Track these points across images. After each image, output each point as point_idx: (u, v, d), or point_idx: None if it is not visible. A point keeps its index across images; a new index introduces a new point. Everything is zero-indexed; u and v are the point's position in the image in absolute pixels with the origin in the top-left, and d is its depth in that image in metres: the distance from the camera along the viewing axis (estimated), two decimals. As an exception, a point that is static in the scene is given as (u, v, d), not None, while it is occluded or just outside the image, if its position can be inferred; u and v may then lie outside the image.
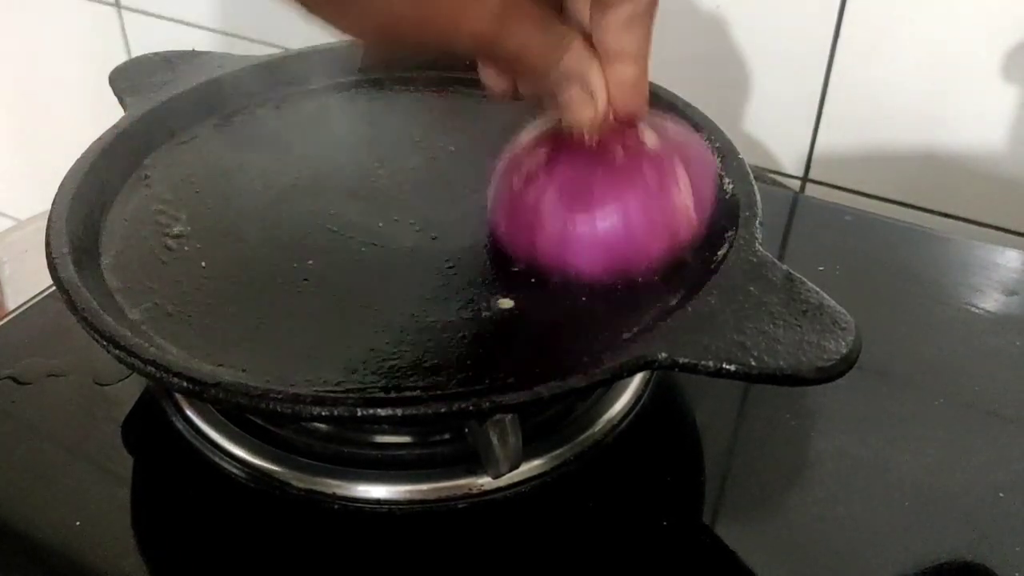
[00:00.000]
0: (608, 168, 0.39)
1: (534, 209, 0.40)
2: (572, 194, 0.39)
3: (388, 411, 0.33)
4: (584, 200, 0.39)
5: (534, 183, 0.40)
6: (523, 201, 0.40)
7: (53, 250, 0.39)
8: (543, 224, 0.39)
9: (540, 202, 0.39)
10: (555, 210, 0.39)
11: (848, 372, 0.33)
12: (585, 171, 0.39)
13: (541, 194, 0.40)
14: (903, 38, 0.59)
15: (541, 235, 0.40)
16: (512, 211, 0.41)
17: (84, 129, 0.47)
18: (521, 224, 0.40)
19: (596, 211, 0.39)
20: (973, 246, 0.56)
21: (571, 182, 0.39)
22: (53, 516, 0.38)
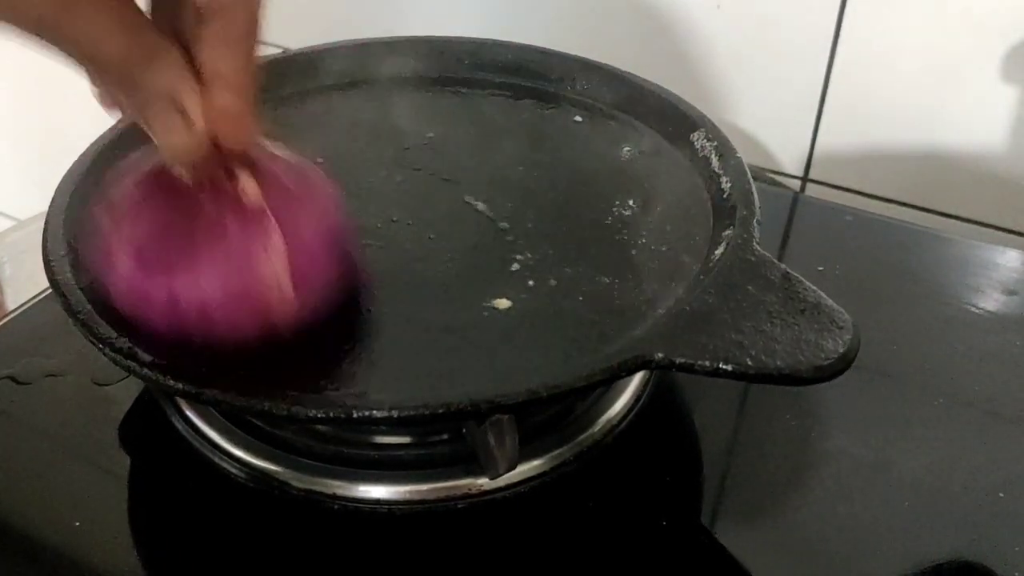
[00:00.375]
0: (190, 225, 0.34)
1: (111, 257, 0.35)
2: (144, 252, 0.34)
3: (385, 412, 0.33)
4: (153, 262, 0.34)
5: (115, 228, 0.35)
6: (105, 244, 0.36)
7: (50, 252, 0.39)
8: (115, 276, 0.35)
9: (115, 252, 0.35)
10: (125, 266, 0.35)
11: (846, 371, 0.33)
12: (166, 225, 0.34)
13: (118, 243, 0.35)
14: (903, 38, 0.59)
15: (114, 286, 0.36)
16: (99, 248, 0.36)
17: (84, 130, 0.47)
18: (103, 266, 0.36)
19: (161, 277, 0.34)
20: (973, 246, 0.56)
21: (148, 236, 0.34)
22: (52, 516, 0.38)
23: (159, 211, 0.34)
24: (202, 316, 0.34)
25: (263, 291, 0.34)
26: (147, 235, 0.34)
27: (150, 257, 0.34)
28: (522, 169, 0.49)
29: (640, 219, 0.44)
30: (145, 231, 0.34)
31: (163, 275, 0.34)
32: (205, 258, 0.33)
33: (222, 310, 0.34)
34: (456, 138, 0.51)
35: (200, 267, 0.33)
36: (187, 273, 0.34)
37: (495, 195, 0.46)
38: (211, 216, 0.33)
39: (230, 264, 0.33)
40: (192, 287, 0.34)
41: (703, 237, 0.42)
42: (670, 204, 0.45)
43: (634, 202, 0.46)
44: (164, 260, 0.34)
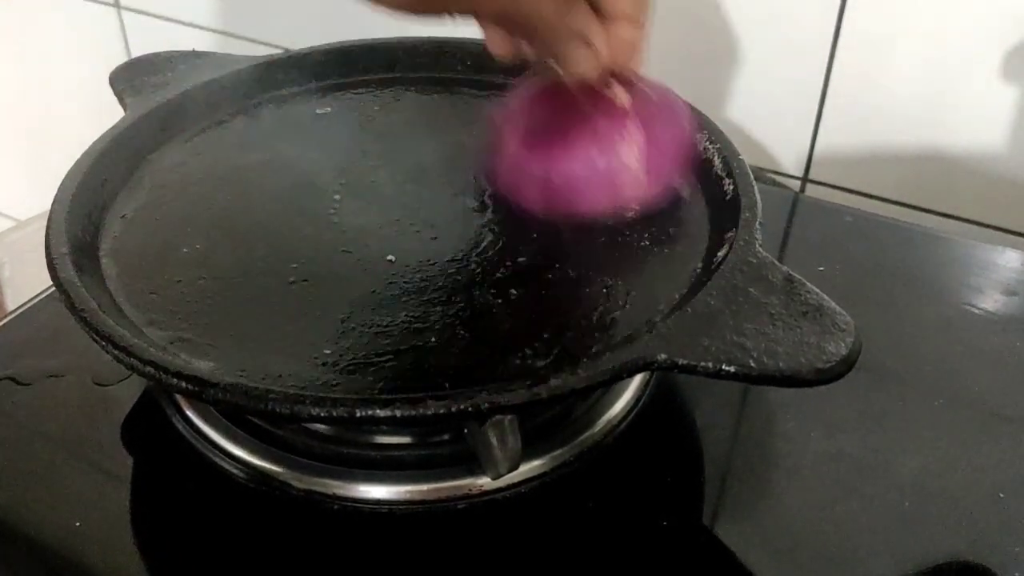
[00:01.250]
0: (567, 118, 0.42)
1: (501, 142, 0.45)
2: (529, 134, 0.43)
3: (387, 412, 0.33)
4: (535, 141, 0.43)
5: (507, 120, 0.45)
6: (497, 134, 0.45)
7: (53, 251, 0.39)
8: (503, 156, 0.44)
9: (505, 137, 0.44)
10: (512, 145, 0.44)
11: (848, 373, 0.33)
12: (549, 117, 0.43)
13: (508, 130, 0.44)
14: (903, 38, 0.59)
15: (500, 165, 0.45)
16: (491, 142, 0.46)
17: (84, 129, 0.47)
18: (493, 153, 0.45)
19: (540, 152, 0.43)
20: (973, 246, 0.56)
21: (533, 124, 0.44)
22: (53, 516, 0.38)
23: (545, 109, 0.44)
24: (570, 189, 0.42)
25: (621, 173, 0.42)
26: (534, 125, 0.44)
27: (534, 141, 0.43)
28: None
29: (641, 220, 0.44)
30: (532, 122, 0.44)
31: (543, 154, 0.43)
32: (579, 142, 0.42)
33: (586, 185, 0.42)
34: (456, 138, 0.51)
35: (574, 149, 0.42)
36: (562, 153, 0.42)
37: (495, 195, 0.46)
38: (587, 114, 0.42)
39: (598, 149, 0.42)
40: (565, 164, 0.42)
41: (705, 239, 0.42)
42: (671, 206, 0.45)
43: (635, 203, 0.46)
44: (545, 143, 0.43)
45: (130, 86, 0.52)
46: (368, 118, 0.54)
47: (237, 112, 0.53)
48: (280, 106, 0.54)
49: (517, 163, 0.44)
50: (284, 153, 0.50)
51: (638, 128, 0.42)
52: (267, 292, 0.41)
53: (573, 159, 0.42)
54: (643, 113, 0.43)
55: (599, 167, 0.42)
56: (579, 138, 0.42)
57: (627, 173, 0.42)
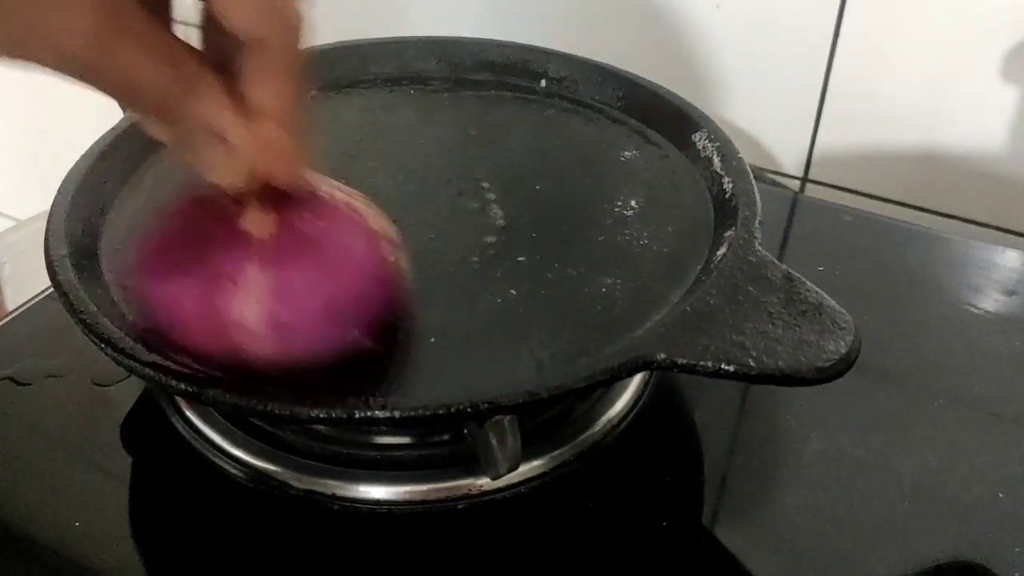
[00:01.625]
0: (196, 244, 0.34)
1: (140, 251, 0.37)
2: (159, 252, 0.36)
3: (387, 413, 0.33)
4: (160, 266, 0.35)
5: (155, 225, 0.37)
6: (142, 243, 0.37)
7: (52, 252, 0.39)
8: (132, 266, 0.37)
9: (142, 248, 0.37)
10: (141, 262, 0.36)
11: (847, 372, 0.33)
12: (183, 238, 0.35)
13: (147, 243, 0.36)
14: (903, 38, 0.59)
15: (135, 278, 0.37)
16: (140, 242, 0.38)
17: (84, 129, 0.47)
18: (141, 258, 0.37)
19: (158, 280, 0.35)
20: (973, 246, 0.56)
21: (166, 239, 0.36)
22: (52, 517, 0.38)
23: (183, 219, 0.35)
24: (181, 328, 0.34)
25: (228, 322, 0.33)
26: (166, 235, 0.36)
27: (158, 257, 0.35)
28: (523, 169, 0.49)
29: (641, 219, 0.44)
30: (165, 232, 0.36)
31: (161, 276, 0.35)
32: (192, 273, 0.34)
33: (197, 326, 0.34)
34: (457, 138, 0.51)
35: (185, 280, 0.34)
36: (175, 282, 0.34)
37: (496, 196, 0.46)
38: (216, 236, 0.34)
39: (207, 287, 0.33)
40: (174, 296, 0.34)
41: (704, 238, 0.42)
42: (671, 205, 0.45)
43: (635, 202, 0.46)
44: (166, 263, 0.35)
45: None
46: (368, 118, 0.54)
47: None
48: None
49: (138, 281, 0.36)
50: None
51: (266, 269, 0.33)
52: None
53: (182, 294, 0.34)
54: (293, 245, 0.34)
55: (207, 312, 0.33)
56: (194, 269, 0.34)
57: (239, 326, 0.33)
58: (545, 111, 0.54)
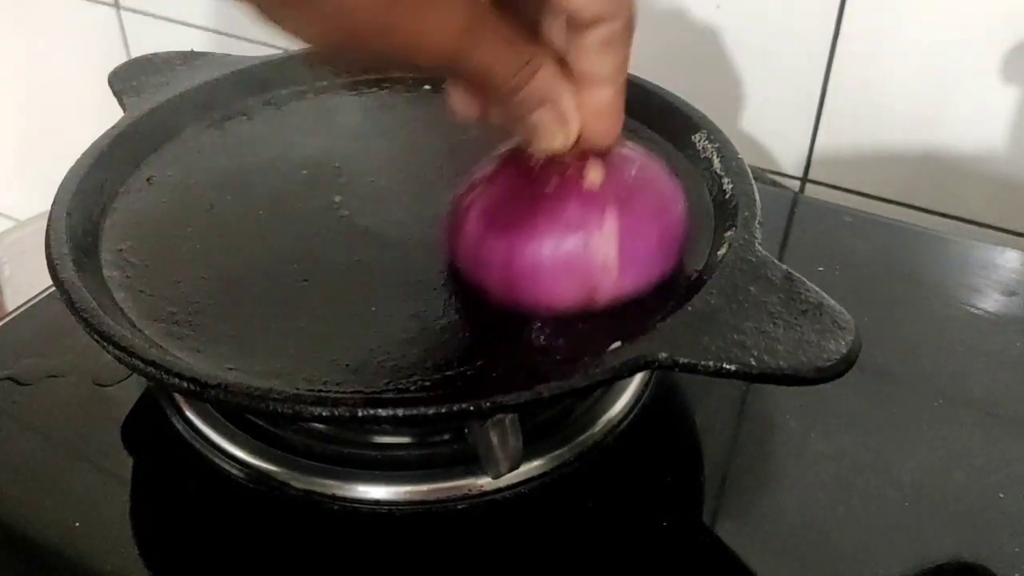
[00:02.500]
0: (534, 200, 0.37)
1: (461, 218, 0.40)
2: (491, 215, 0.38)
3: (389, 411, 0.33)
4: (498, 224, 0.38)
5: (470, 194, 0.40)
6: (457, 207, 0.40)
7: (53, 251, 0.39)
8: (462, 234, 0.39)
9: (467, 213, 0.39)
10: (472, 225, 0.39)
11: (848, 372, 0.33)
12: (514, 197, 0.38)
13: (470, 206, 0.39)
14: (903, 38, 0.59)
15: (459, 244, 0.40)
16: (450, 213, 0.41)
17: (84, 130, 0.47)
18: (451, 227, 0.40)
19: (502, 237, 0.38)
20: (973, 246, 0.56)
21: (496, 204, 0.39)
22: (53, 517, 0.38)
23: (510, 184, 0.38)
24: (531, 280, 0.38)
25: (590, 267, 0.37)
26: (496, 202, 0.38)
27: (496, 221, 0.38)
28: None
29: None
30: (495, 199, 0.39)
31: (504, 238, 0.38)
32: (544, 229, 0.37)
33: (550, 277, 0.37)
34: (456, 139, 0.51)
35: (538, 236, 0.37)
36: (525, 239, 0.37)
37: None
38: (556, 194, 0.37)
39: (564, 238, 0.37)
40: (527, 252, 0.37)
41: (705, 238, 0.42)
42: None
43: (635, 202, 0.46)
44: (507, 225, 0.38)
45: (129, 86, 0.52)
46: (368, 118, 0.54)
47: (237, 112, 0.53)
48: (280, 106, 0.54)
49: (475, 244, 0.39)
50: (284, 153, 0.50)
51: (613, 214, 0.37)
52: (267, 292, 0.41)
53: (535, 248, 0.37)
54: (622, 193, 0.38)
55: (565, 258, 0.37)
56: (544, 224, 0.37)
57: (597, 267, 0.37)
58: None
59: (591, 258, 0.37)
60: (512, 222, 0.38)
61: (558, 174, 0.37)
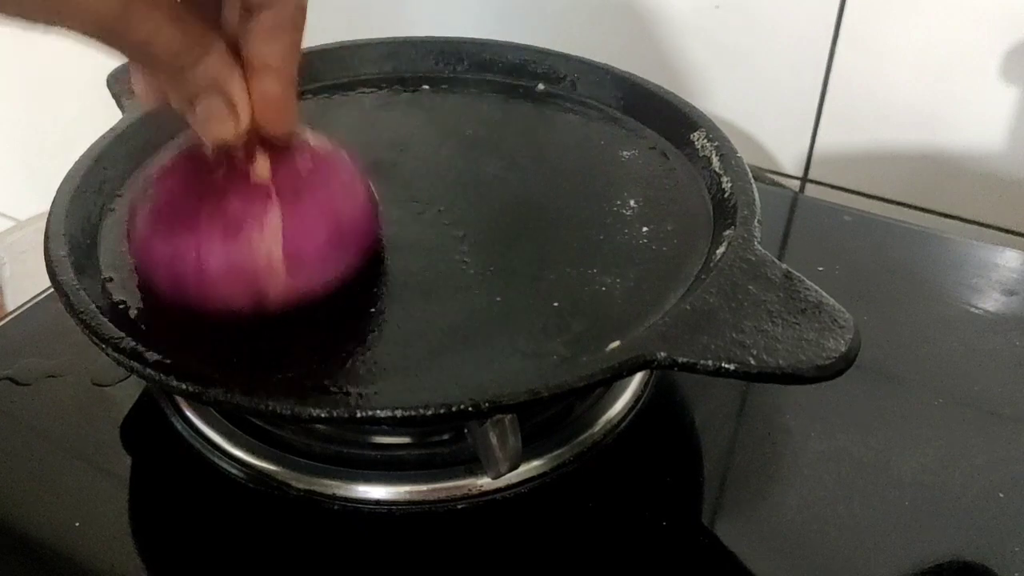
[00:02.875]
0: (201, 195, 0.36)
1: (133, 214, 0.38)
2: (159, 213, 0.37)
3: (388, 412, 0.33)
4: (164, 222, 0.37)
5: (144, 190, 0.38)
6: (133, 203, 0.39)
7: (51, 253, 0.39)
8: (135, 232, 0.38)
9: (138, 210, 0.38)
10: (144, 223, 0.37)
11: (847, 371, 0.33)
12: (182, 193, 0.37)
13: (144, 203, 0.38)
14: (903, 38, 0.59)
15: (132, 241, 0.39)
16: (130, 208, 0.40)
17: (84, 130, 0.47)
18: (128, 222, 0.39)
19: (167, 236, 0.36)
20: (973, 246, 0.56)
21: (165, 201, 0.37)
22: (52, 517, 0.38)
23: (180, 181, 0.37)
24: (198, 280, 0.36)
25: (254, 267, 0.36)
26: (165, 201, 0.37)
27: (162, 220, 0.37)
28: (521, 169, 0.49)
29: (640, 219, 0.44)
30: (164, 197, 0.37)
31: (169, 238, 0.36)
32: (205, 225, 0.35)
33: (215, 276, 0.36)
34: (456, 138, 0.51)
35: (200, 233, 0.35)
36: (188, 237, 0.36)
37: (495, 196, 0.46)
38: (220, 189, 0.36)
39: (226, 234, 0.35)
40: (190, 250, 0.36)
41: (704, 237, 0.42)
42: (670, 204, 0.45)
43: (634, 202, 0.46)
44: (173, 224, 0.36)
45: (127, 88, 0.52)
46: (368, 118, 0.54)
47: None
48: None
49: (143, 245, 0.37)
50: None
51: (277, 209, 0.36)
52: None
53: (196, 248, 0.35)
54: (291, 187, 0.36)
55: (226, 258, 0.35)
56: (206, 221, 0.35)
57: (261, 266, 0.36)
58: (544, 111, 0.54)
59: (254, 257, 0.36)
60: (178, 220, 0.36)
61: (227, 167, 0.36)
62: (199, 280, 0.36)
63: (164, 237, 0.36)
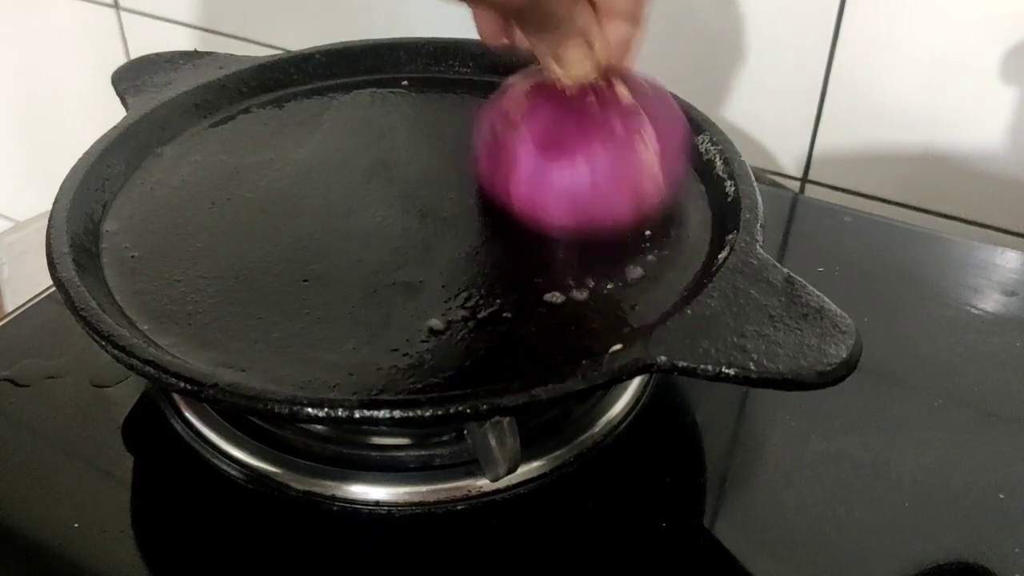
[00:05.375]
0: (581, 120, 0.41)
1: (511, 154, 0.42)
2: (545, 142, 0.41)
3: (385, 413, 0.33)
4: (555, 149, 0.41)
5: (513, 130, 0.42)
6: (502, 146, 0.42)
7: (53, 250, 0.39)
8: (517, 169, 0.42)
9: (516, 148, 0.42)
10: (528, 156, 0.41)
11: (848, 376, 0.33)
12: (560, 122, 0.41)
13: (518, 141, 0.42)
14: (903, 38, 0.59)
15: (514, 179, 0.42)
16: (492, 155, 0.43)
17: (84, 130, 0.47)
18: (498, 168, 0.43)
19: (564, 159, 0.40)
20: (973, 246, 0.56)
21: (546, 131, 0.41)
22: (52, 518, 0.38)
23: (551, 112, 0.41)
24: (594, 194, 0.41)
25: (642, 173, 0.41)
26: (545, 130, 0.41)
27: (551, 146, 0.41)
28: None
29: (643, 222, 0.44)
30: (542, 128, 0.41)
31: (565, 158, 0.41)
32: (598, 145, 0.40)
33: (609, 188, 0.41)
34: (458, 139, 0.51)
35: (594, 152, 0.40)
36: (584, 156, 0.40)
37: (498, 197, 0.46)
38: (598, 114, 0.40)
39: (618, 150, 0.40)
40: (588, 168, 0.40)
41: (707, 241, 0.42)
42: (673, 207, 0.45)
43: (635, 204, 0.46)
44: (564, 147, 0.41)
45: (132, 86, 0.52)
46: (368, 118, 0.54)
47: (238, 112, 0.53)
48: (281, 106, 0.54)
49: (536, 174, 0.41)
50: (285, 153, 0.50)
51: (649, 125, 0.41)
52: (267, 292, 0.41)
53: (595, 162, 0.40)
54: (647, 108, 0.42)
55: (625, 170, 0.41)
56: (599, 141, 0.40)
57: (649, 173, 0.41)
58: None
59: (641, 167, 0.41)
60: (567, 146, 0.40)
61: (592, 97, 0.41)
62: (595, 197, 0.41)
63: (561, 160, 0.41)
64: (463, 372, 0.36)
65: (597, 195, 0.41)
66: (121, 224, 0.44)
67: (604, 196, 0.41)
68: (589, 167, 0.40)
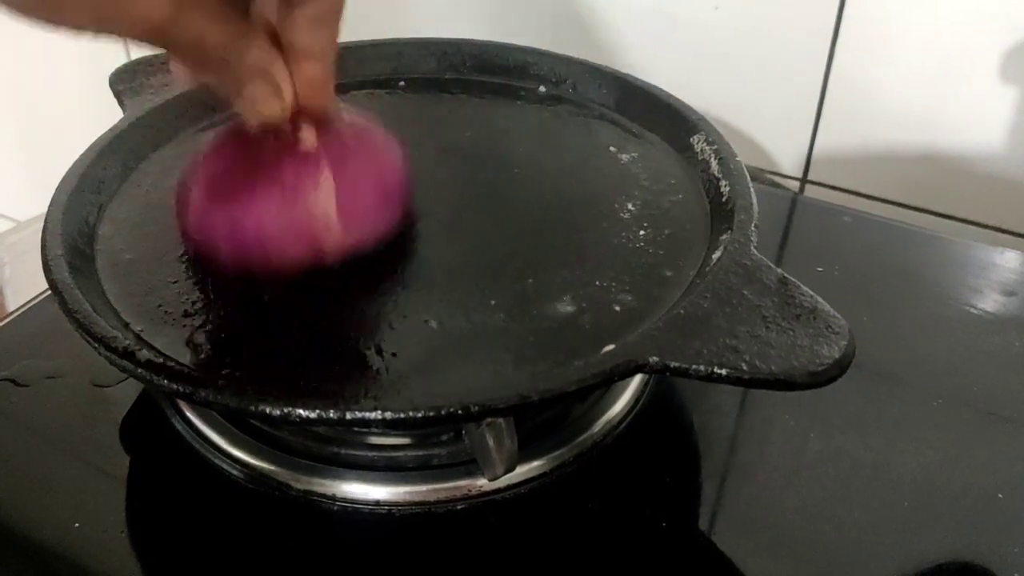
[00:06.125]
0: (252, 166, 0.39)
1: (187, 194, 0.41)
2: (212, 186, 0.40)
3: (378, 414, 0.32)
4: (220, 193, 0.40)
5: (193, 170, 0.41)
6: (183, 185, 0.42)
7: (48, 252, 0.39)
8: (190, 209, 0.41)
9: (191, 188, 0.41)
10: (198, 198, 0.41)
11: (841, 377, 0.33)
12: (232, 166, 0.40)
13: (193, 181, 0.41)
14: (903, 38, 0.59)
15: (186, 219, 0.41)
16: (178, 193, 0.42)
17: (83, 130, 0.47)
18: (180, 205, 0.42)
19: (226, 205, 0.39)
20: (972, 247, 0.56)
21: (216, 175, 0.40)
22: (51, 517, 0.38)
23: (230, 157, 0.40)
24: (258, 242, 0.39)
25: (312, 221, 0.39)
26: (217, 175, 0.40)
27: (218, 192, 0.40)
28: (520, 171, 0.49)
29: (638, 222, 0.44)
30: (216, 172, 0.40)
31: (227, 205, 0.39)
32: (262, 191, 0.39)
33: (276, 236, 0.39)
34: (455, 140, 0.51)
35: (258, 199, 0.39)
36: (246, 204, 0.39)
37: (494, 197, 0.46)
38: (272, 159, 0.39)
39: (283, 197, 0.39)
40: (250, 215, 0.39)
41: (700, 241, 0.42)
42: (668, 207, 0.45)
43: (632, 205, 0.46)
44: (229, 194, 0.39)
45: (129, 87, 0.52)
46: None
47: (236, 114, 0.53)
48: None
49: (201, 216, 0.41)
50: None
51: (329, 172, 0.39)
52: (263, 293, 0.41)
53: (258, 212, 0.39)
54: (337, 153, 0.40)
55: (287, 218, 0.39)
56: (263, 188, 0.39)
57: (319, 223, 0.39)
58: (543, 113, 0.54)
59: (311, 215, 0.39)
60: (235, 190, 0.39)
61: (275, 141, 0.39)
62: (261, 242, 0.39)
63: (223, 208, 0.39)
64: (458, 372, 0.36)
65: (260, 241, 0.39)
66: (116, 227, 0.44)
67: (267, 242, 0.39)
68: (251, 214, 0.39)
